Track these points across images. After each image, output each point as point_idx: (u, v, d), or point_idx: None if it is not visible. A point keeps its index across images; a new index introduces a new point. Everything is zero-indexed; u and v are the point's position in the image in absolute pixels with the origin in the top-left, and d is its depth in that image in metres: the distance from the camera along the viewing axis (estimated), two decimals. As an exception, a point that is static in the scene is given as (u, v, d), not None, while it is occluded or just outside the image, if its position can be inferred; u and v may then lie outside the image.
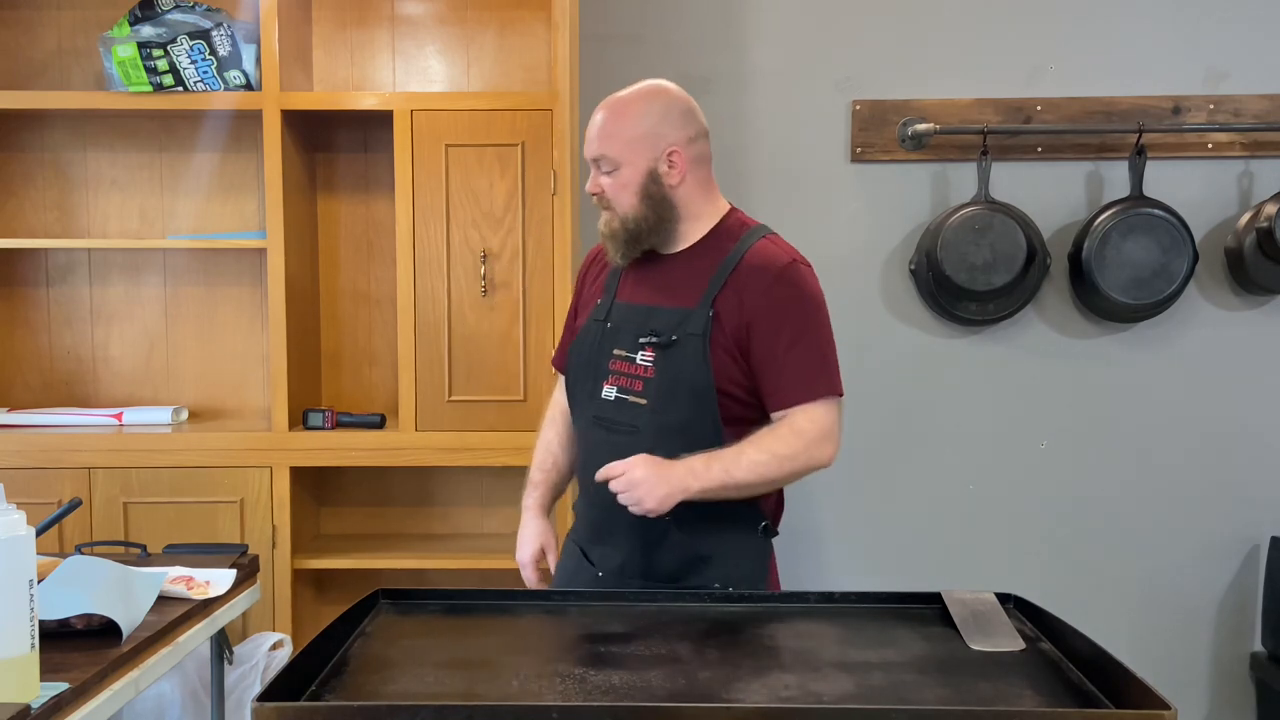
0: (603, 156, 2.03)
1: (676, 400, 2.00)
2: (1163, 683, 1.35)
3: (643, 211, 2.03)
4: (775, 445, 1.96)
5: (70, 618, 1.75)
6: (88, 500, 2.80)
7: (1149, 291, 3.06)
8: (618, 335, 2.07)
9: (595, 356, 2.09)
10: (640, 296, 2.09)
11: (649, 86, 2.08)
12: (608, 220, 2.07)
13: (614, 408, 2.05)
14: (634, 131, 2.02)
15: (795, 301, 2.01)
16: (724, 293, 2.00)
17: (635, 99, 2.05)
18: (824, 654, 1.57)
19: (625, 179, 2.02)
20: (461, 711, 1.30)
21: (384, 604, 1.79)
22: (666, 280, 2.07)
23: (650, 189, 2.03)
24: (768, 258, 2.03)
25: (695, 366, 1.99)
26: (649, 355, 2.02)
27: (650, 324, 2.03)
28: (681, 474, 1.91)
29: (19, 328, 3.18)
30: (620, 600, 1.83)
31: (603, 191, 2.05)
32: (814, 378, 2.00)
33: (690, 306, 2.01)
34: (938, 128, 3.10)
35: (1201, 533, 3.22)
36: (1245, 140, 3.14)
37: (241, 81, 2.88)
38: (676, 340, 2.00)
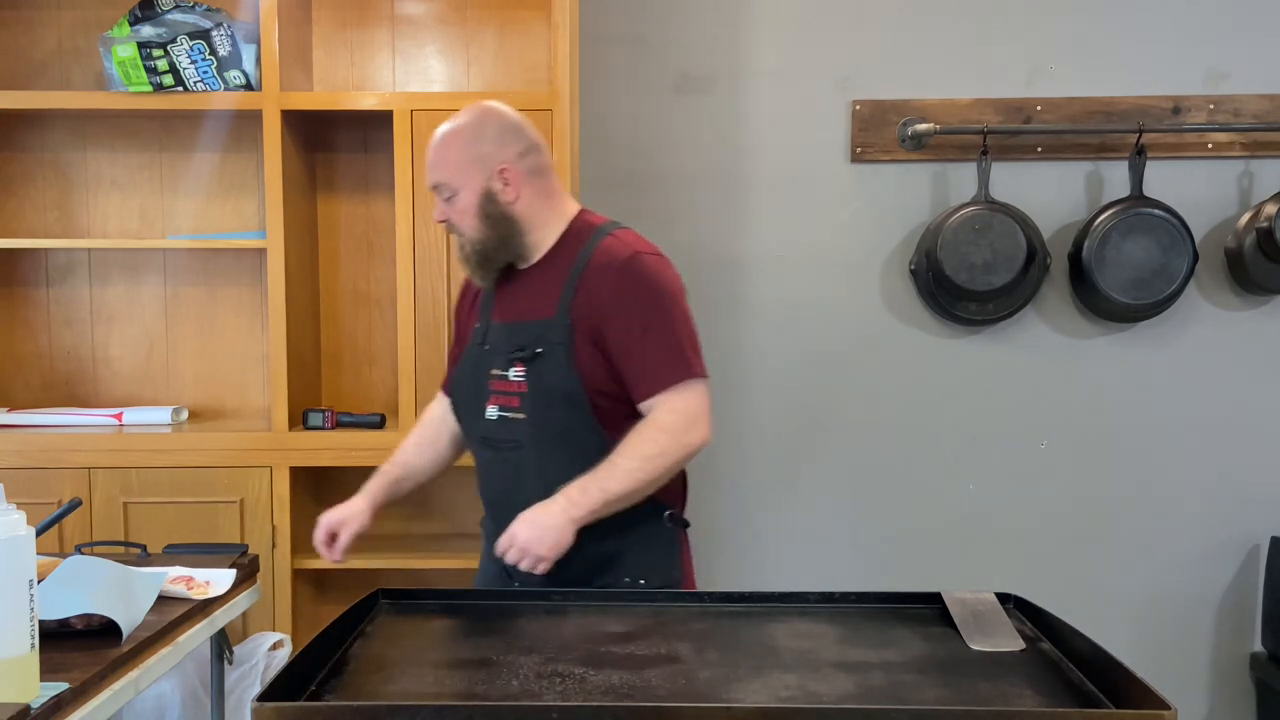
0: (439, 184, 2.09)
1: (551, 410, 2.05)
2: (1163, 683, 1.35)
3: (485, 232, 2.08)
4: (642, 447, 1.99)
5: (70, 618, 1.75)
6: (88, 500, 2.80)
7: (1149, 291, 3.06)
8: (493, 355, 2.12)
9: (476, 379, 2.15)
10: (508, 314, 2.14)
11: (473, 110, 2.12)
12: (460, 245, 2.12)
13: (497, 426, 2.11)
14: (462, 156, 2.07)
15: (640, 292, 2.04)
16: (576, 297, 2.05)
17: (460, 125, 2.10)
18: (824, 654, 1.57)
19: (463, 203, 2.07)
20: (461, 711, 1.30)
21: (384, 604, 1.79)
22: (526, 294, 2.12)
23: (488, 209, 2.07)
24: (611, 255, 2.06)
25: (563, 375, 2.04)
26: (520, 370, 2.07)
27: (516, 340, 2.08)
28: (561, 510, 1.95)
29: (19, 328, 3.18)
30: (620, 600, 1.83)
31: (448, 218, 2.11)
32: (668, 365, 2.03)
33: (550, 316, 2.06)
34: (938, 128, 3.10)
35: (1201, 533, 3.22)
36: (1245, 140, 3.14)
37: (241, 81, 2.88)
38: (541, 352, 2.05)
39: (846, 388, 3.24)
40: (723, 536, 3.27)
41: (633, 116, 3.19)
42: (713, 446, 3.20)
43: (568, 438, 2.04)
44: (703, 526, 3.27)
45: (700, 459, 3.20)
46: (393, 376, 3.07)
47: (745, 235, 3.21)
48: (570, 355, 2.03)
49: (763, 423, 3.24)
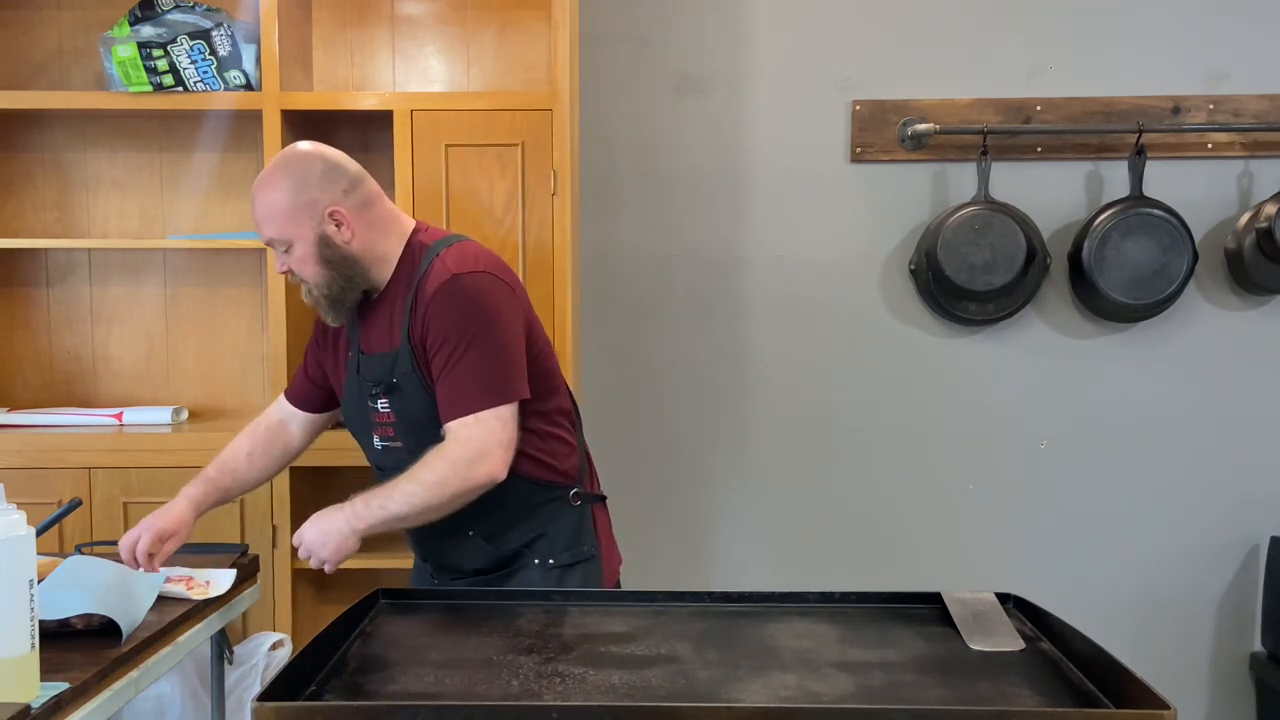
0: (272, 240, 2.05)
1: (421, 437, 2.03)
2: (1163, 683, 1.35)
3: (329, 275, 2.04)
4: (424, 474, 1.97)
5: (70, 618, 1.75)
6: (88, 500, 2.80)
7: (1149, 291, 3.06)
8: (366, 386, 2.11)
9: (359, 409, 2.15)
10: (367, 345, 2.13)
11: (282, 159, 2.07)
12: (306, 292, 2.09)
13: (383, 455, 2.14)
14: (289, 207, 2.02)
15: (456, 315, 2.00)
16: (412, 324, 2.03)
17: (274, 177, 2.05)
18: (824, 654, 1.57)
19: (301, 254, 2.04)
20: (461, 711, 1.30)
21: (384, 604, 1.79)
22: (377, 325, 2.11)
23: (326, 254, 2.03)
24: (436, 278, 2.02)
25: (421, 402, 2.04)
26: (384, 402, 2.09)
27: (373, 373, 2.09)
28: (345, 520, 1.98)
29: (19, 328, 3.18)
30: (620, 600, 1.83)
31: (289, 269, 2.07)
32: (470, 393, 1.99)
33: (396, 347, 2.06)
34: (938, 128, 3.10)
35: (1201, 533, 3.22)
36: (1245, 140, 3.14)
37: (241, 81, 2.88)
38: (396, 383, 2.06)
39: (846, 387, 3.24)
40: (722, 535, 3.27)
41: (633, 116, 3.19)
42: (713, 446, 3.24)
43: None
44: (702, 525, 3.27)
45: (700, 458, 3.23)
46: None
47: (745, 235, 3.21)
48: (423, 382, 2.03)
49: (762, 422, 3.24)
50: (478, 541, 2.11)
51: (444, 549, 2.16)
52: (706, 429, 3.23)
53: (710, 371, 3.22)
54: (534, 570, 2.11)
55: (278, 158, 2.10)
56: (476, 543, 2.11)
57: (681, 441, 3.23)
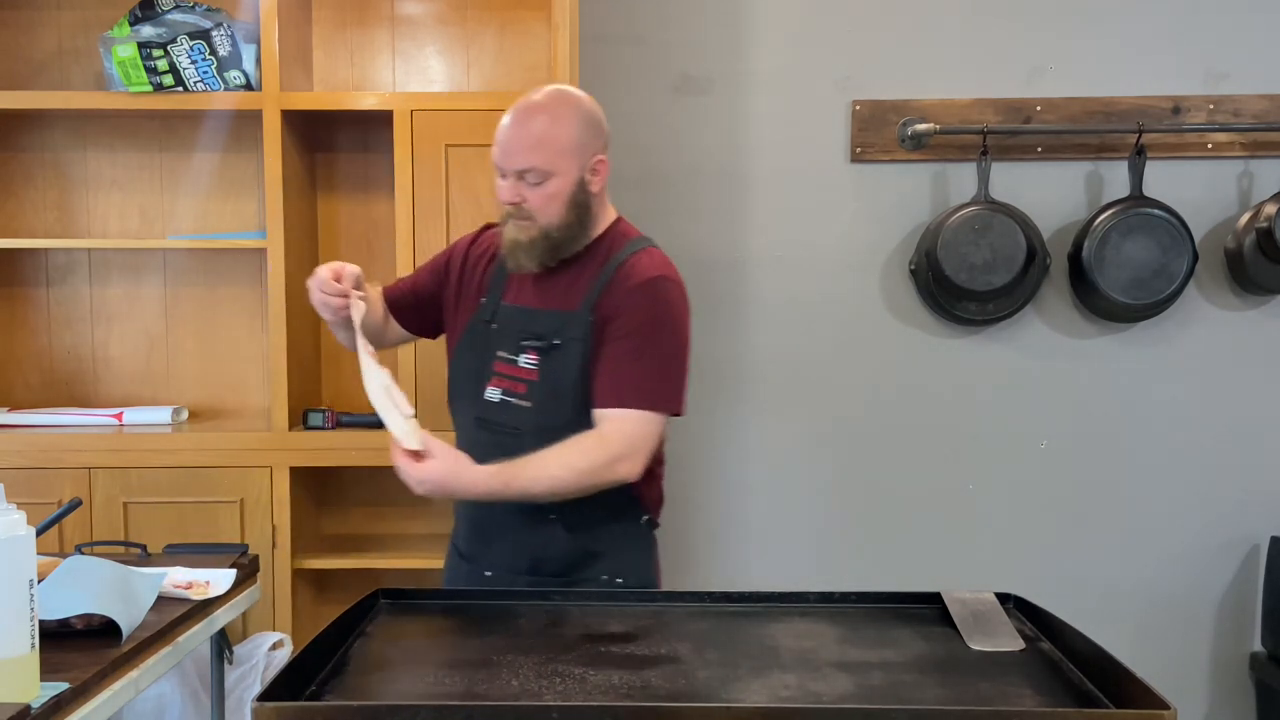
0: (534, 168, 2.00)
1: (559, 403, 2.03)
2: (1163, 683, 1.35)
3: (568, 220, 2.03)
4: (576, 460, 1.97)
5: (70, 618, 1.75)
6: (88, 500, 2.80)
7: (1149, 291, 3.06)
8: (501, 338, 2.09)
9: (479, 358, 2.11)
10: (524, 299, 2.10)
11: (568, 94, 2.07)
12: (522, 229, 2.04)
13: (498, 409, 2.08)
14: (567, 141, 2.01)
15: (651, 312, 2.04)
16: (601, 298, 2.04)
17: (559, 108, 2.03)
18: (824, 654, 1.57)
19: (555, 189, 2.01)
20: (461, 711, 1.30)
21: (384, 604, 1.79)
22: (552, 284, 2.09)
23: (578, 198, 2.03)
24: (638, 268, 2.06)
25: (577, 370, 2.03)
26: (532, 358, 2.05)
27: (532, 327, 2.06)
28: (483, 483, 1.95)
29: (19, 328, 3.18)
30: (620, 600, 1.83)
31: (523, 201, 2.02)
32: (641, 388, 2.01)
33: (572, 309, 2.05)
34: (938, 128, 3.10)
35: (1201, 533, 3.22)
36: (1245, 140, 3.14)
37: (241, 81, 2.88)
38: (558, 344, 2.04)
39: (846, 387, 3.24)
40: (722, 535, 3.27)
41: (633, 116, 3.18)
42: (713, 445, 3.24)
43: (569, 431, 2.00)
44: (702, 526, 3.27)
45: (699, 458, 3.23)
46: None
47: (745, 235, 3.21)
48: (586, 352, 2.02)
49: (762, 422, 3.24)
50: (557, 530, 2.07)
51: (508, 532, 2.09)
52: (706, 429, 3.23)
53: (710, 371, 3.22)
54: (601, 586, 2.07)
55: (554, 92, 2.07)
56: (555, 530, 2.07)
57: (681, 441, 3.23)
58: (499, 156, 2.03)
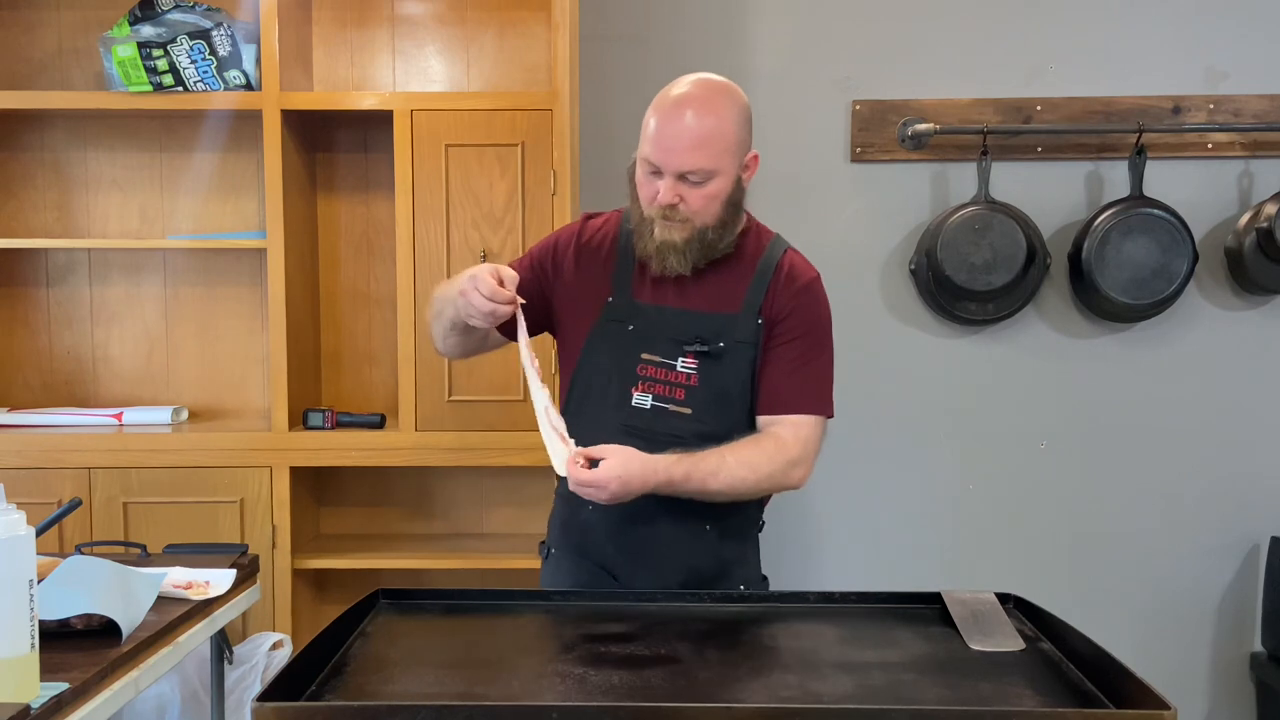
0: (698, 168, 1.88)
1: (722, 409, 1.96)
2: (1163, 683, 1.35)
3: (723, 219, 1.94)
4: (759, 460, 1.92)
5: (70, 618, 1.75)
6: (88, 500, 2.80)
7: (1149, 291, 3.06)
8: (646, 339, 1.97)
9: (617, 361, 1.98)
10: (668, 299, 1.98)
11: (725, 86, 1.94)
12: (675, 229, 1.91)
13: (650, 416, 1.96)
14: (732, 139, 1.90)
15: (816, 316, 2.01)
16: (766, 300, 1.98)
17: (724, 101, 1.91)
18: (824, 654, 1.57)
19: (716, 189, 1.91)
20: (461, 711, 1.30)
21: (384, 604, 1.79)
22: (699, 283, 1.98)
23: (735, 197, 1.95)
24: (799, 269, 2.02)
25: (744, 375, 1.96)
26: (691, 363, 1.95)
27: (690, 330, 1.96)
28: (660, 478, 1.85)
29: (19, 328, 3.18)
30: (620, 600, 1.83)
31: (681, 201, 1.89)
32: (814, 395, 1.99)
33: (733, 312, 1.97)
34: (938, 128, 3.10)
35: (1201, 533, 3.22)
36: (1245, 140, 3.14)
37: (241, 81, 2.88)
38: (723, 347, 1.95)
39: (846, 388, 3.21)
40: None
41: (633, 116, 3.16)
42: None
43: (730, 438, 1.92)
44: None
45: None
46: (393, 376, 3.07)
47: (745, 235, 3.20)
48: (754, 358, 1.96)
49: (763, 423, 3.24)
50: (711, 540, 2.00)
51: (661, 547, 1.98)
52: (706, 429, 3.23)
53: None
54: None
55: (709, 83, 1.92)
56: (709, 541, 2.00)
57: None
58: (659, 156, 1.88)
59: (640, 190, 1.95)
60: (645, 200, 1.94)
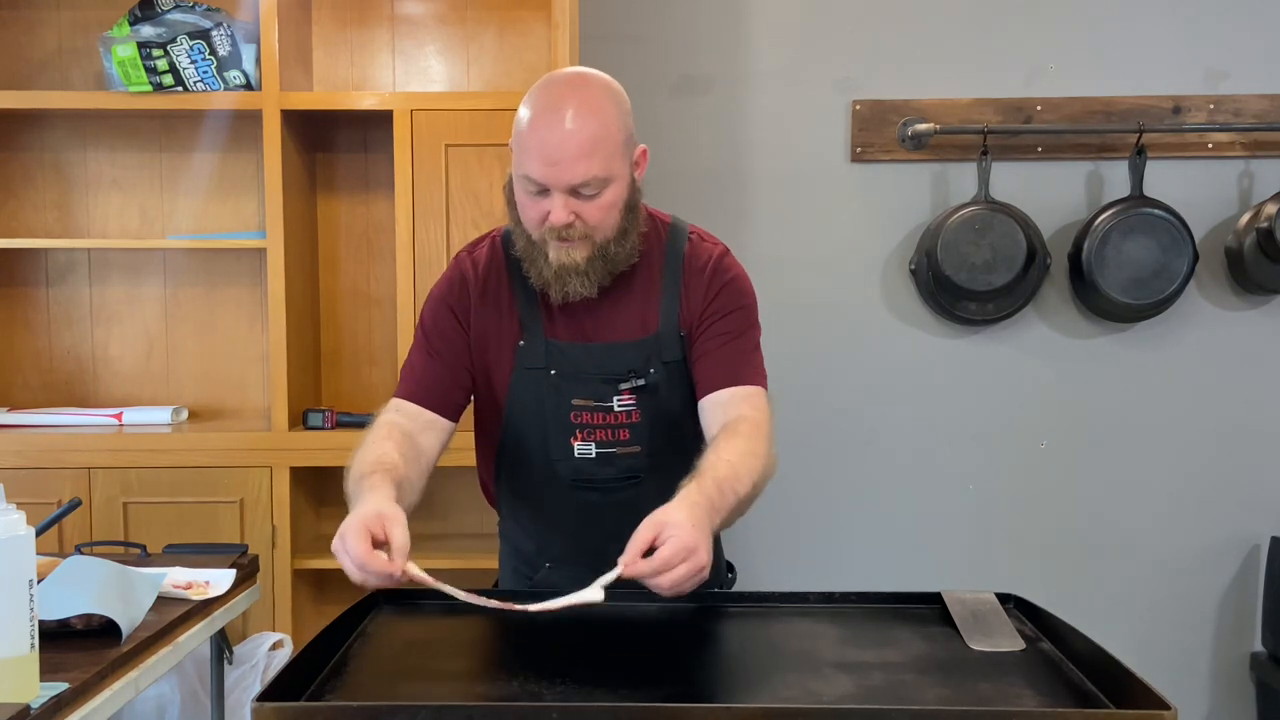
0: (590, 179, 1.65)
1: (672, 436, 1.82)
2: (1163, 683, 1.35)
3: (623, 228, 1.71)
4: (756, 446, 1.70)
5: (70, 618, 1.75)
6: (88, 500, 2.80)
7: (1149, 291, 3.06)
8: (573, 383, 1.78)
9: (549, 412, 1.79)
10: (584, 332, 1.79)
11: (600, 78, 1.71)
12: (573, 250, 1.68)
13: (598, 465, 1.80)
14: (619, 136, 1.68)
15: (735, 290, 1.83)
16: (684, 306, 1.80)
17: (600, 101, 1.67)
18: (824, 654, 1.56)
19: (612, 197, 1.68)
20: (461, 711, 1.30)
21: (384, 604, 1.79)
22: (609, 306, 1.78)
23: (632, 200, 1.72)
24: (703, 255, 1.82)
25: (680, 397, 1.80)
26: (628, 400, 1.77)
27: (619, 363, 1.77)
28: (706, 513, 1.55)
29: (19, 328, 3.18)
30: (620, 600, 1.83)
31: (578, 219, 1.67)
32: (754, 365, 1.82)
33: (653, 332, 1.79)
34: (938, 128, 3.10)
35: (1201, 533, 3.22)
36: (1245, 140, 3.14)
37: (241, 81, 2.88)
38: (655, 374, 1.78)
39: (846, 388, 3.23)
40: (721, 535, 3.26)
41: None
42: (713, 446, 3.24)
43: (687, 461, 1.68)
44: (703, 526, 3.27)
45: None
46: (393, 376, 3.07)
47: (745, 235, 3.20)
48: (688, 373, 1.78)
49: (763, 423, 3.23)
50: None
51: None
52: (706, 429, 3.23)
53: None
54: None
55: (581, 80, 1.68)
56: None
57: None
58: (543, 172, 1.63)
59: (524, 212, 1.70)
60: (533, 223, 1.69)
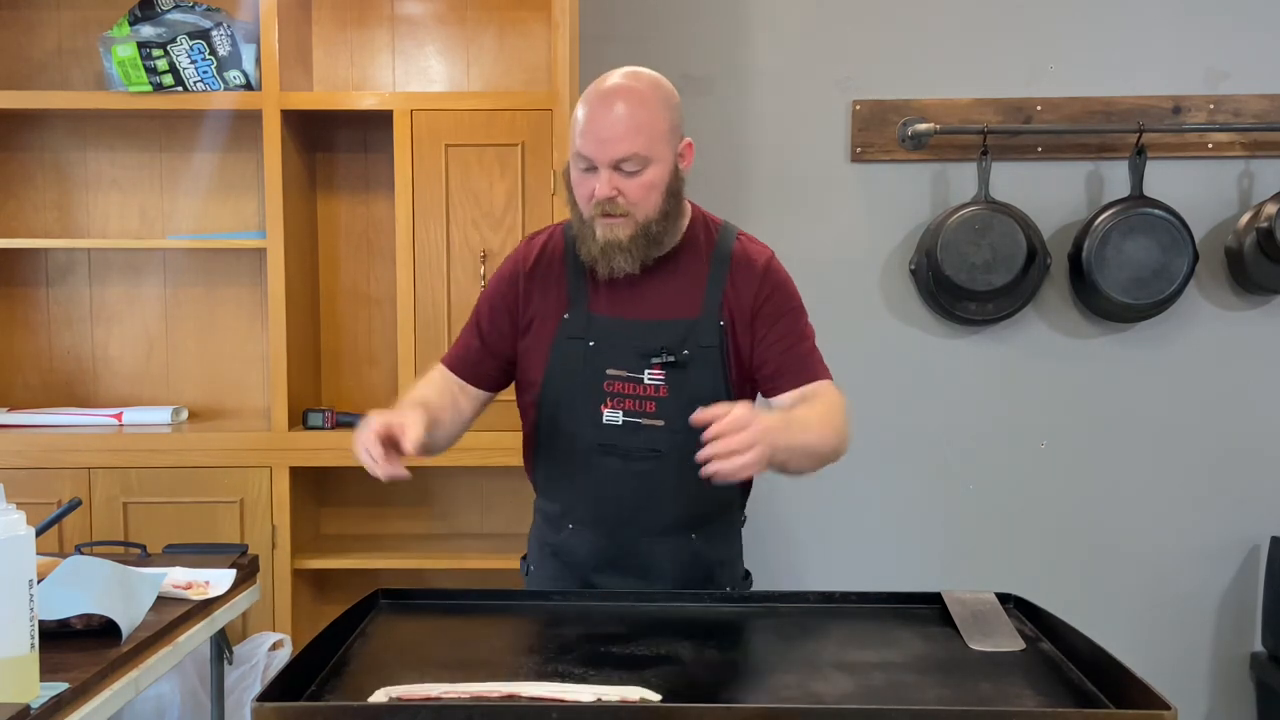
0: (634, 155, 1.82)
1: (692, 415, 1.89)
2: (1163, 683, 1.35)
3: (664, 210, 1.87)
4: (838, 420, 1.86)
5: (70, 618, 1.75)
6: (88, 500, 2.80)
7: (1149, 291, 3.06)
8: (609, 353, 1.91)
9: (584, 379, 1.92)
10: (625, 309, 1.92)
11: (649, 74, 1.90)
12: (617, 226, 1.85)
13: (623, 433, 1.91)
14: (663, 124, 1.85)
15: (785, 292, 1.97)
16: (726, 297, 1.92)
17: (649, 87, 1.87)
18: (824, 654, 1.57)
19: (653, 178, 1.85)
20: (461, 711, 1.30)
21: (384, 604, 1.79)
22: (654, 288, 1.92)
23: (674, 186, 1.89)
24: (753, 254, 1.97)
25: (714, 381, 1.90)
26: (658, 374, 1.90)
27: (652, 340, 1.90)
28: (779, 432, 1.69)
29: (19, 328, 3.18)
30: (620, 600, 1.83)
31: (619, 194, 1.84)
32: (819, 362, 1.98)
33: (693, 316, 1.91)
34: (938, 128, 3.10)
35: (1201, 533, 3.22)
36: (1245, 140, 3.14)
37: (241, 81, 2.88)
38: (689, 354, 1.89)
39: (846, 388, 3.21)
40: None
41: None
42: (713, 446, 3.24)
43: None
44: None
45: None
46: (393, 376, 3.07)
47: (745, 235, 3.20)
48: (723, 360, 1.90)
49: (763, 423, 3.24)
50: (699, 546, 1.98)
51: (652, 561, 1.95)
52: (706, 429, 3.23)
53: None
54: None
55: (633, 73, 1.88)
56: (697, 548, 1.98)
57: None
58: (590, 148, 1.83)
59: (576, 191, 1.89)
60: (583, 200, 1.88)
